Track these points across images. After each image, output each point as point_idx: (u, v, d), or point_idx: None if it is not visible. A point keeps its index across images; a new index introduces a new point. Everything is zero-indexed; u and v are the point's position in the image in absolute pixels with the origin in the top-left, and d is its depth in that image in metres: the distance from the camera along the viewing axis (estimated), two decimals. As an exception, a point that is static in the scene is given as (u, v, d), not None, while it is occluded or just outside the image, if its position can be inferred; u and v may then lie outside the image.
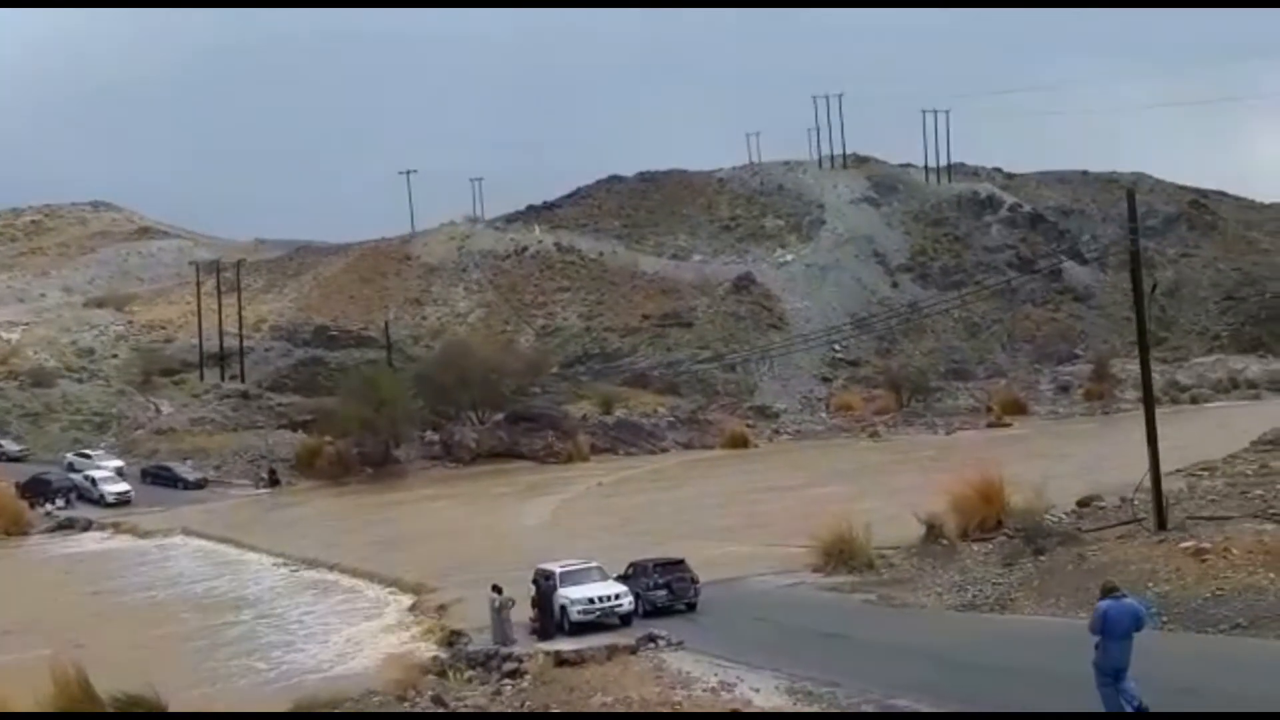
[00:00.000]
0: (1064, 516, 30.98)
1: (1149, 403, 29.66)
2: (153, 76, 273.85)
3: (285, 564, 43.55)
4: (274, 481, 66.67)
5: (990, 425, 75.76)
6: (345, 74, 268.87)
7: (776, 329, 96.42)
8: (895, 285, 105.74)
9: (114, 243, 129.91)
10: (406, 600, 35.01)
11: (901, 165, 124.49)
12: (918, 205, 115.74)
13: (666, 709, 16.74)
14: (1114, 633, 14.25)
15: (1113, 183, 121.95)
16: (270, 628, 34.21)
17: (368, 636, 31.59)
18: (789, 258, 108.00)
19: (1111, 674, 14.30)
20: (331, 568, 41.60)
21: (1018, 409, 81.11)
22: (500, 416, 76.86)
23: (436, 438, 74.74)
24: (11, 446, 71.12)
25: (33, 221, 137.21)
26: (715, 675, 19.25)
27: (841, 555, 30.10)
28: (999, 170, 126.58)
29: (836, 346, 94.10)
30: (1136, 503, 29.82)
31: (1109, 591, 14.83)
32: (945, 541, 30.22)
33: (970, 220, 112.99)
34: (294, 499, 63.14)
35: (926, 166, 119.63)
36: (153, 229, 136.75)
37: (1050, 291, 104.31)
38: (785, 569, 31.06)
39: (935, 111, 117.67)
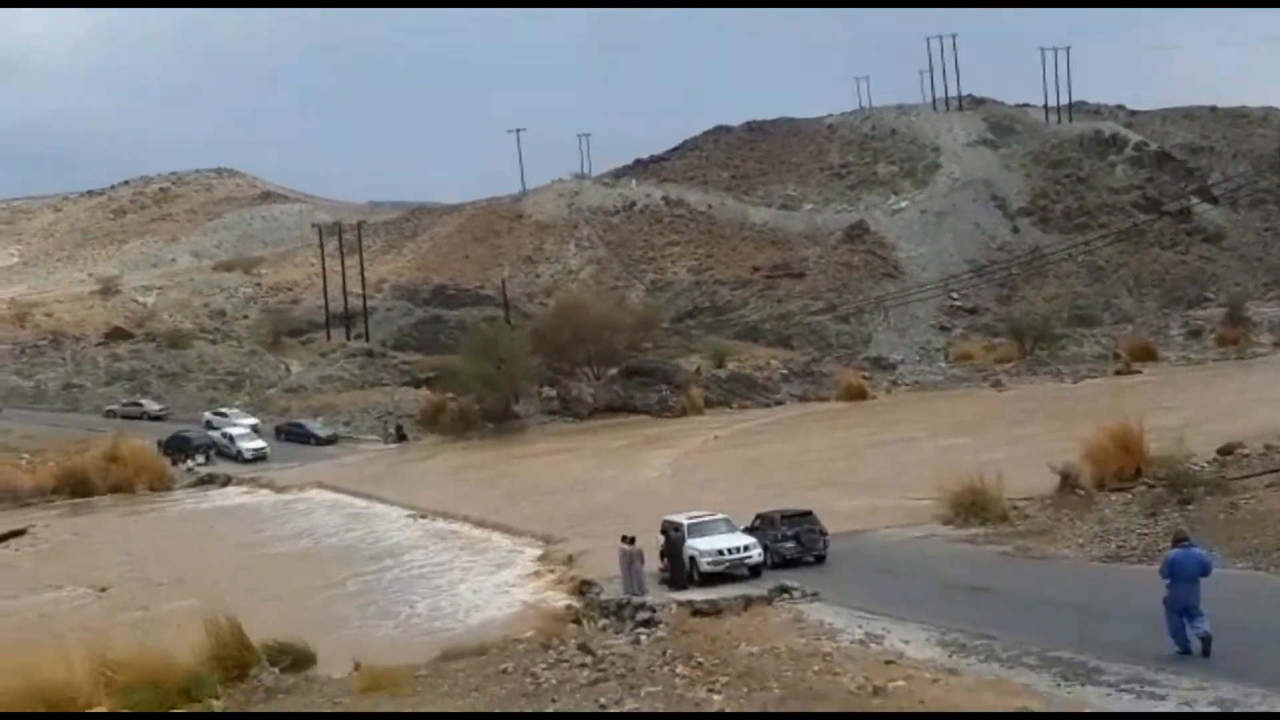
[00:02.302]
0: (1206, 465, 29.99)
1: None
2: (270, 46, 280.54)
3: (417, 516, 44.27)
4: (401, 437, 68.40)
5: (1118, 372, 73.37)
6: (453, 36, 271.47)
7: (891, 278, 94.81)
8: (1015, 230, 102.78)
9: (238, 207, 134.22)
10: (535, 551, 35.52)
11: (1019, 105, 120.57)
12: (1037, 146, 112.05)
13: (816, 659, 16.77)
14: (1180, 576, 16.54)
15: (1242, 118, 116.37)
16: (406, 577, 34.91)
17: (501, 586, 32.19)
18: (903, 204, 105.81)
19: (1180, 611, 16.54)
20: (461, 519, 42.20)
21: (1147, 355, 78.35)
22: (615, 371, 77.46)
23: (554, 393, 75.76)
24: (152, 406, 74.02)
25: (161, 189, 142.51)
26: (860, 627, 19.20)
27: (972, 507, 29.70)
28: (1122, 108, 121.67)
29: (954, 294, 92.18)
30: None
31: (1179, 540, 17.28)
32: (1081, 491, 29.54)
33: (1093, 160, 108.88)
34: (421, 454, 64.64)
35: (1046, 106, 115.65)
36: (274, 193, 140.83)
37: (1179, 233, 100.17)
38: (913, 521, 30.77)
39: (1054, 49, 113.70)
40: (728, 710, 14.80)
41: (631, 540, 25.37)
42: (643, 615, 23.34)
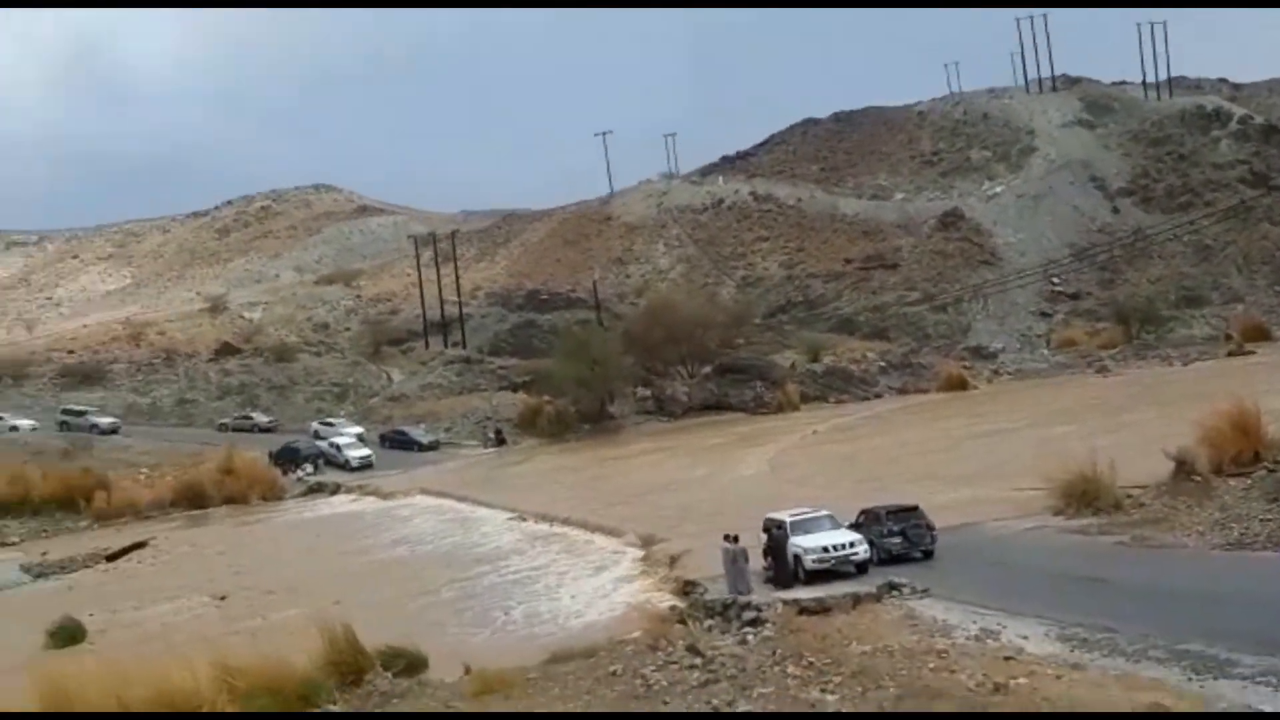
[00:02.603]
0: (1332, 448, 28.68)
1: None
2: (360, 63, 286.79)
3: (519, 519, 44.64)
4: (500, 441, 69.27)
5: (1230, 354, 70.65)
6: (536, 43, 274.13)
7: (988, 265, 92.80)
8: (1116, 211, 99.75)
9: (336, 222, 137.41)
10: (637, 552, 35.47)
11: (1115, 83, 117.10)
12: (1136, 124, 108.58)
13: (931, 656, 16.44)
14: None
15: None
16: (510, 581, 35.17)
17: (604, 587, 32.27)
18: (998, 189, 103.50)
19: None
20: (562, 521, 42.39)
21: (1260, 335, 75.28)
22: (708, 369, 77.29)
23: (648, 393, 75.91)
24: (261, 418, 76.18)
25: (262, 207, 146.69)
26: (974, 622, 18.77)
27: (1084, 496, 28.88)
28: (1224, 81, 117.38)
29: (1055, 279, 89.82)
30: None
31: None
32: (1198, 478, 28.46)
33: (1196, 136, 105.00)
34: (519, 457, 65.33)
35: (1144, 82, 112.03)
36: (370, 207, 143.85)
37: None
38: (1023, 513, 30.03)
39: (1150, 24, 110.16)
40: (844, 711, 14.57)
41: (735, 539, 25.24)
42: (749, 615, 23.18)
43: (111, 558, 47.61)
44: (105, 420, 73.24)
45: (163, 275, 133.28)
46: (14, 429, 70.85)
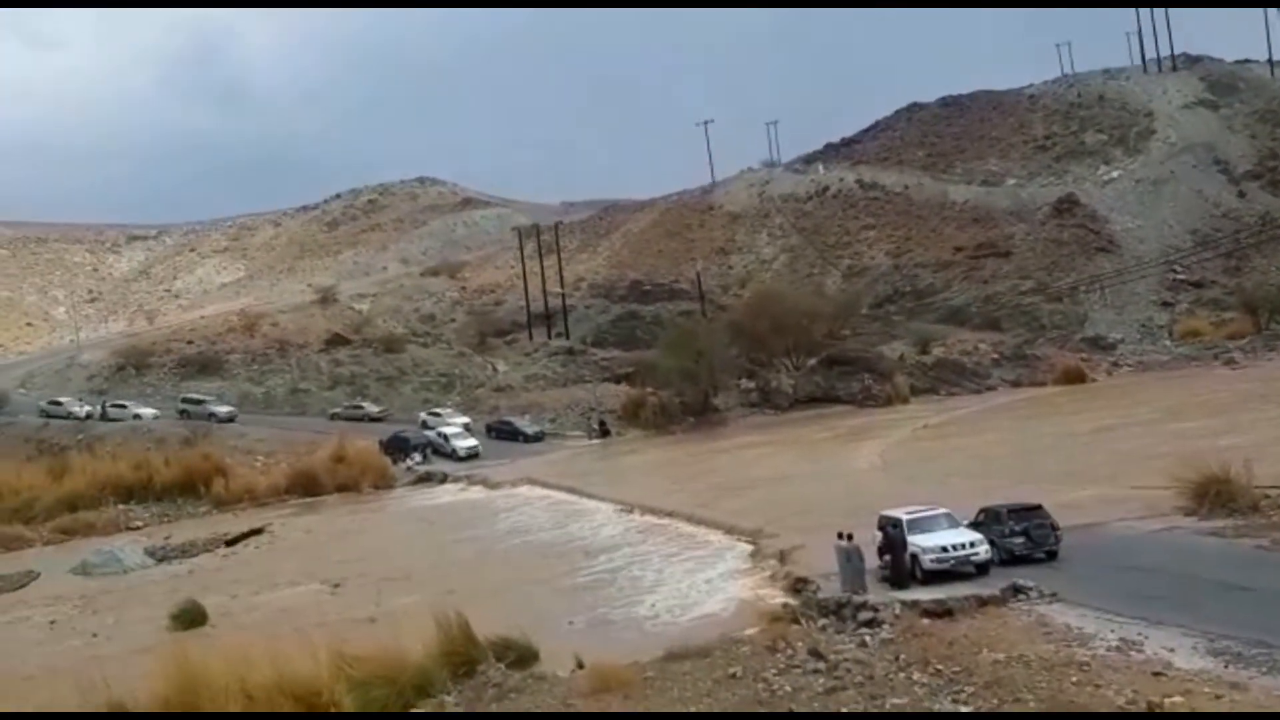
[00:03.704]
0: None
1: None
2: (464, 58, 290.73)
3: (625, 511, 44.30)
4: (604, 432, 69.41)
5: (1371, 344, 67.25)
6: (636, 33, 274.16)
7: (1106, 252, 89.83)
8: (1242, 195, 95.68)
9: (441, 215, 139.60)
10: (746, 546, 34.83)
11: (1239, 62, 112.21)
12: (1262, 104, 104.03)
13: (1072, 669, 15.67)
14: None
15: None
16: (620, 573, 34.88)
17: (714, 583, 31.75)
18: (1115, 174, 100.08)
19: None
20: (669, 514, 41.93)
21: (1403, 324, 71.51)
22: (814, 361, 76.34)
23: (753, 385, 75.29)
24: (371, 408, 77.64)
25: (369, 201, 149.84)
26: (1112, 631, 17.84)
27: (1218, 496, 27.56)
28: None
29: (1177, 267, 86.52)
30: None
31: None
32: (1343, 479, 26.98)
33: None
34: (624, 448, 65.32)
35: (1270, 60, 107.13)
36: (474, 199, 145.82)
37: None
38: (1151, 513, 28.76)
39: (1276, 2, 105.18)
40: None
41: (849, 536, 24.67)
42: (865, 615, 22.58)
43: (230, 543, 48.92)
44: (223, 409, 75.46)
45: (275, 267, 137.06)
46: (137, 417, 73.45)
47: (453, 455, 64.94)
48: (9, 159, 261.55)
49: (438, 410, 75.09)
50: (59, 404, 76.16)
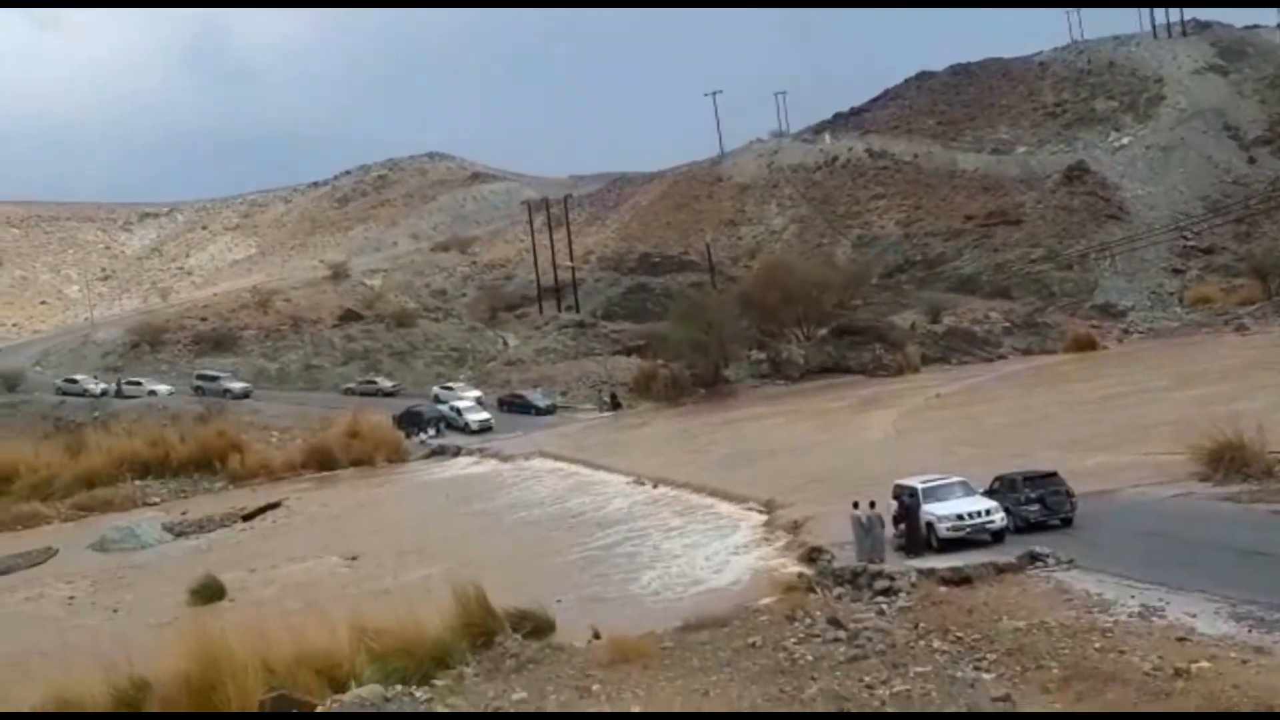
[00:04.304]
0: None
1: None
2: (470, 32, 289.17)
3: (637, 482, 44.46)
4: (615, 405, 69.54)
5: (1384, 309, 66.90)
6: (640, 7, 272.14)
7: (1116, 220, 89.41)
8: (1252, 161, 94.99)
9: (450, 190, 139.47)
10: (759, 517, 34.92)
11: (1248, 27, 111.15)
12: (1272, 69, 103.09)
13: (1095, 635, 15.70)
14: None
15: None
16: (633, 544, 34.99)
17: (728, 553, 31.85)
18: (1125, 140, 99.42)
19: None
20: (681, 485, 42.05)
21: None
22: (825, 331, 76.28)
23: (764, 356, 75.29)
24: (385, 383, 77.89)
25: (379, 177, 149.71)
26: (1132, 597, 17.82)
27: (1232, 462, 27.57)
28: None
29: (1187, 234, 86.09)
30: None
31: None
32: (1358, 443, 26.94)
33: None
34: (635, 420, 65.45)
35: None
36: (482, 174, 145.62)
37: None
38: (1165, 479, 28.77)
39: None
40: (1009, 694, 13.87)
41: (871, 504, 24.76)
42: (881, 584, 22.69)
43: (247, 517, 49.25)
44: (237, 385, 75.76)
45: (286, 244, 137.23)
46: (153, 394, 73.79)
47: (465, 429, 65.20)
48: (20, 140, 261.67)
49: (450, 384, 75.29)
50: (74, 381, 76.53)
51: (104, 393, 74.51)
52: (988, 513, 24.93)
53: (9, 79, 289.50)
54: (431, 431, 65.11)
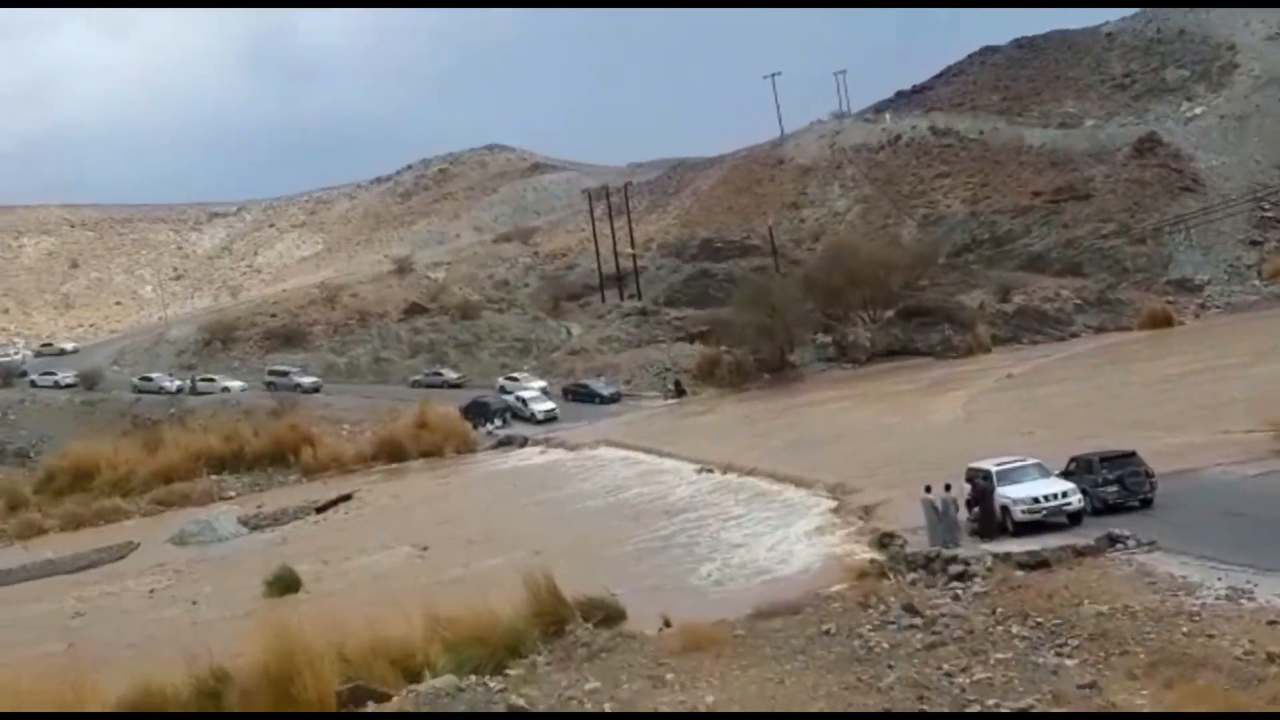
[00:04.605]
0: None
1: None
2: (527, 23, 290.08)
3: (705, 470, 44.25)
4: (680, 392, 69.37)
5: None
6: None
7: (1190, 192, 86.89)
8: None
9: (510, 181, 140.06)
10: (828, 502, 34.64)
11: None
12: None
13: (1181, 619, 15.25)
14: None
15: None
16: (702, 532, 34.85)
17: (798, 539, 31.57)
18: (1198, 110, 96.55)
19: None
20: (749, 472, 41.78)
21: None
22: (891, 313, 75.31)
23: (829, 340, 74.54)
24: (450, 375, 78.58)
25: (440, 170, 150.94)
26: (1219, 580, 17.29)
27: (1318, 439, 26.69)
28: None
29: (1265, 204, 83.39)
30: None
31: None
32: None
33: None
34: (700, 407, 65.23)
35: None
36: (542, 164, 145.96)
37: None
38: (1248, 457, 27.94)
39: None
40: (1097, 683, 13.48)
41: (947, 487, 24.38)
42: (955, 569, 22.28)
43: (320, 510, 50.04)
44: (308, 380, 76.97)
45: (352, 240, 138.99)
46: (226, 390, 75.24)
47: (531, 419, 65.51)
48: (94, 146, 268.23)
49: (515, 375, 75.71)
50: (150, 379, 78.32)
51: (179, 390, 76.16)
52: (1064, 495, 24.41)
53: (83, 89, 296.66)
54: (498, 422, 65.52)
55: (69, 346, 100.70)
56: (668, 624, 21.96)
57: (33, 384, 79.73)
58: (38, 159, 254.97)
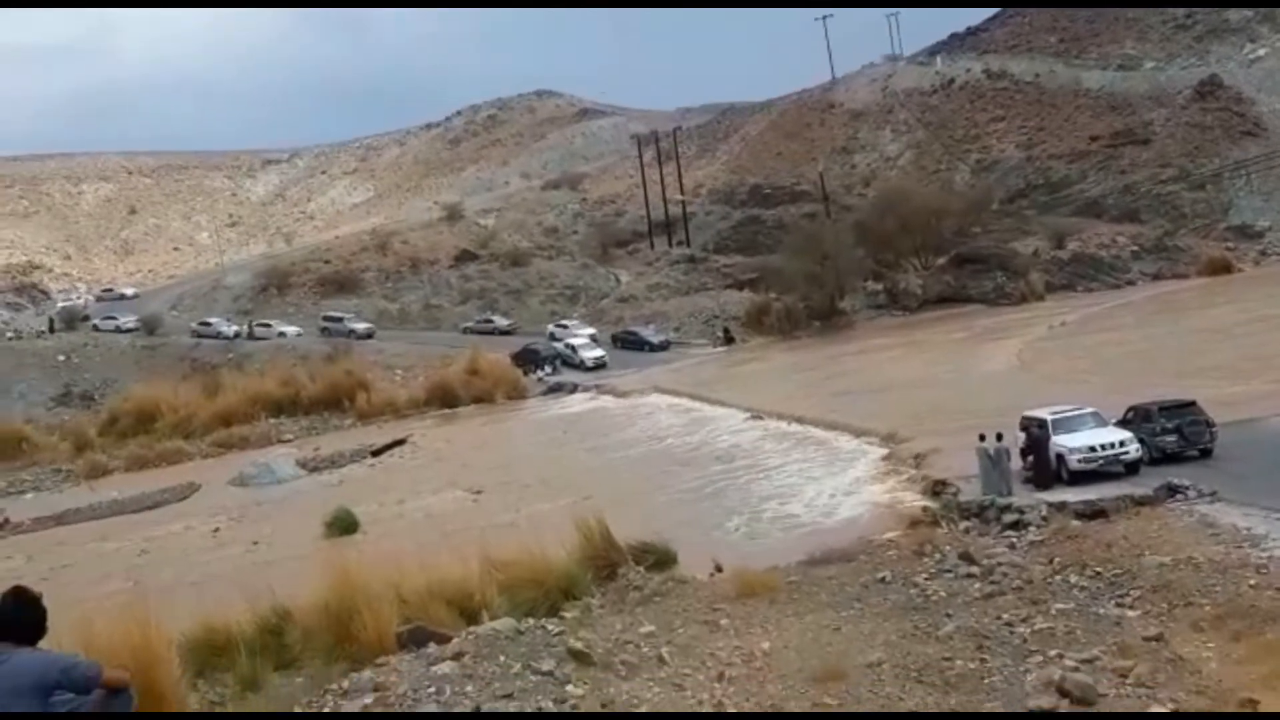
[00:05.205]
0: None
1: None
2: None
3: (754, 417, 44.25)
4: (729, 339, 69.31)
5: None
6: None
7: (1252, 136, 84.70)
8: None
9: (559, 127, 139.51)
10: (880, 450, 34.47)
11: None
12: None
13: (1248, 571, 15.08)
14: None
15: None
16: (753, 478, 34.81)
17: (849, 487, 31.51)
18: (1261, 52, 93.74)
19: None
20: (798, 419, 41.71)
21: None
22: (944, 260, 74.53)
23: (880, 287, 73.98)
24: (501, 322, 79.15)
25: (489, 116, 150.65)
26: (1287, 532, 17.11)
27: (1386, 389, 26.15)
28: None
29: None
30: None
31: None
32: None
33: None
34: (749, 355, 65.14)
35: None
36: (590, 109, 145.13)
37: None
38: (1312, 407, 27.51)
39: None
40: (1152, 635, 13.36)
41: (999, 436, 24.25)
42: (1009, 517, 22.20)
43: (375, 453, 50.75)
44: (361, 326, 77.88)
45: (402, 186, 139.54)
46: (282, 335, 76.37)
47: (581, 366, 65.85)
48: (152, 94, 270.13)
49: (565, 322, 76.02)
50: (208, 324, 79.67)
51: (236, 335, 77.42)
52: (1121, 444, 24.19)
53: (142, 37, 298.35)
54: (548, 369, 65.92)
55: (129, 291, 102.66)
56: (719, 569, 22.06)
57: (95, 328, 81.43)
58: (96, 108, 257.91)
